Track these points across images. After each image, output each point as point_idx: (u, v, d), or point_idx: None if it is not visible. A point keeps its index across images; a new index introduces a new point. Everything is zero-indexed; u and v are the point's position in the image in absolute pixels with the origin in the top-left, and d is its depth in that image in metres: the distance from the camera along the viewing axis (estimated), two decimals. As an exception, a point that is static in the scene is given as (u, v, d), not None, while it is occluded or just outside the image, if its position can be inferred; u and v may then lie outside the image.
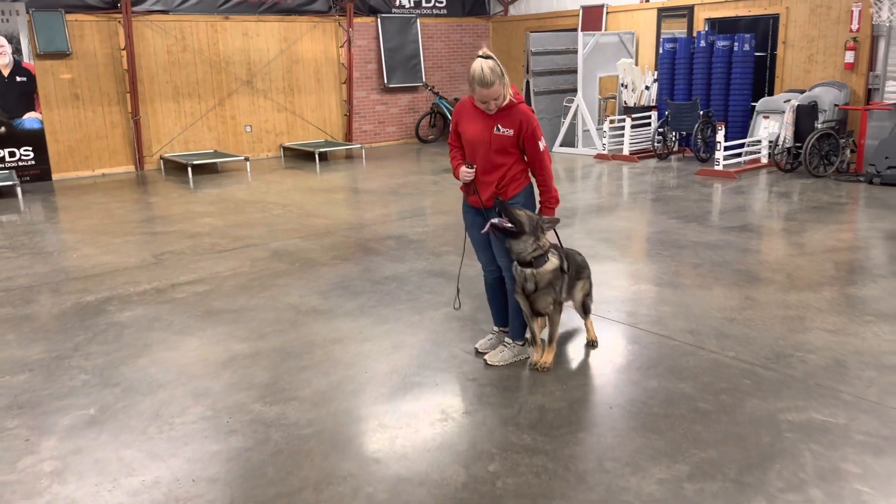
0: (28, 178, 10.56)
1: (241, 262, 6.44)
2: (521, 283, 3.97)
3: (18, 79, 10.38)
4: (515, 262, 3.94)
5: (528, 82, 12.73)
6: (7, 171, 10.27)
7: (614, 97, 13.00)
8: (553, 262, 3.97)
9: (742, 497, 2.85)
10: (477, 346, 4.34)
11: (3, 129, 10.39)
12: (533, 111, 3.92)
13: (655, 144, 11.53)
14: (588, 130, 12.44)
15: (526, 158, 3.95)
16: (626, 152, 11.68)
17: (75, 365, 4.30)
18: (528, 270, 3.91)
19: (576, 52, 12.38)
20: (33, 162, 10.68)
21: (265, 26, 12.67)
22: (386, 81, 14.04)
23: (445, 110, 14.39)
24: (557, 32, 13.28)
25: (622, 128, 11.82)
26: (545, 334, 4.22)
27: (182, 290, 5.70)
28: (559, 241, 4.14)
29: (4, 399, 3.88)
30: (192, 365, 4.29)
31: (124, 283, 5.92)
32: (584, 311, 4.39)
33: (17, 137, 10.51)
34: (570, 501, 2.87)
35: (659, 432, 3.35)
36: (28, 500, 2.98)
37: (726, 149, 10.16)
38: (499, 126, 3.85)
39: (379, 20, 13.78)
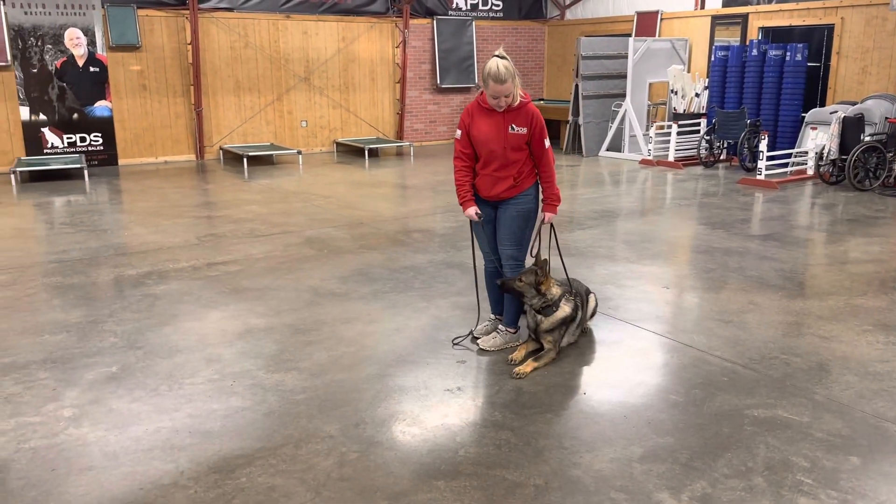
0: (96, 163, 11.31)
1: (275, 246, 6.83)
2: (531, 321, 4.27)
3: (92, 69, 11.14)
4: (528, 306, 4.25)
5: (576, 86, 12.83)
6: (77, 155, 11.04)
7: (664, 103, 12.97)
8: (564, 310, 4.24)
9: (686, 479, 3.00)
10: (473, 330, 4.57)
11: (75, 115, 11.16)
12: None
13: (702, 152, 11.48)
14: (635, 136, 12.46)
15: (533, 155, 4.17)
16: (671, 158, 11.66)
17: (107, 329, 4.74)
18: (539, 316, 4.22)
19: (626, 57, 12.42)
20: (102, 147, 11.44)
21: (324, 25, 13.17)
22: (439, 82, 14.36)
23: (496, 112, 14.59)
24: (610, 37, 13.33)
25: (669, 134, 11.80)
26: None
27: (216, 268, 6.13)
28: (562, 260, 4.42)
29: (41, 354, 4.33)
30: (210, 335, 4.67)
31: (165, 260, 6.38)
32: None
33: (88, 124, 11.28)
34: (521, 471, 3.08)
35: (623, 418, 3.52)
36: (46, 439, 3.38)
37: (771, 158, 10.06)
38: (513, 125, 4.08)
39: (435, 22, 14.11)
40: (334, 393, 3.84)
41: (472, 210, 4.24)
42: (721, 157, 11.69)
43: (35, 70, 10.80)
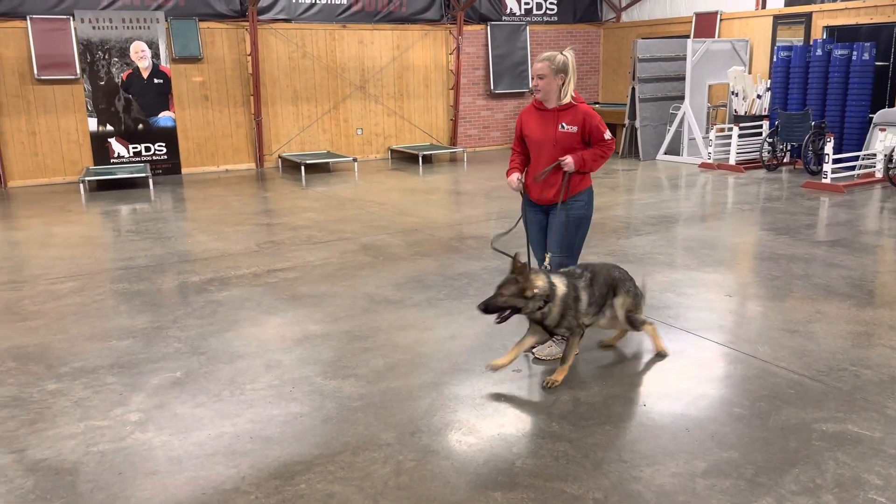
0: (160, 172, 11.68)
1: (332, 253, 6.92)
2: (534, 317, 3.95)
3: (156, 81, 11.52)
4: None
5: (633, 89, 12.65)
6: (142, 165, 11.41)
7: (724, 105, 12.68)
8: (560, 289, 3.87)
9: (752, 496, 2.91)
10: (534, 351, 4.49)
11: (141, 125, 11.55)
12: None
13: (764, 155, 11.17)
14: (694, 139, 12.20)
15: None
16: (732, 162, 11.38)
17: (171, 335, 4.87)
18: (540, 312, 4.00)
19: (685, 58, 12.18)
20: (166, 157, 11.80)
21: (379, 34, 13.31)
22: (492, 87, 14.34)
23: (551, 116, 14.49)
24: (668, 39, 13.10)
25: (729, 137, 11.52)
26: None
27: (275, 275, 6.24)
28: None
29: (109, 359, 4.48)
30: (270, 341, 4.75)
31: (227, 266, 6.53)
32: (632, 325, 4.25)
33: (153, 134, 11.66)
34: (580, 484, 3.03)
35: (685, 431, 3.44)
36: (113, 443, 3.49)
37: (837, 161, 9.71)
38: (563, 124, 4.11)
39: (488, 27, 14.11)
40: (390, 400, 3.86)
41: (515, 176, 4.32)
42: (784, 161, 11.35)
43: (102, 82, 11.22)
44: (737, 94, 12.02)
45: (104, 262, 6.81)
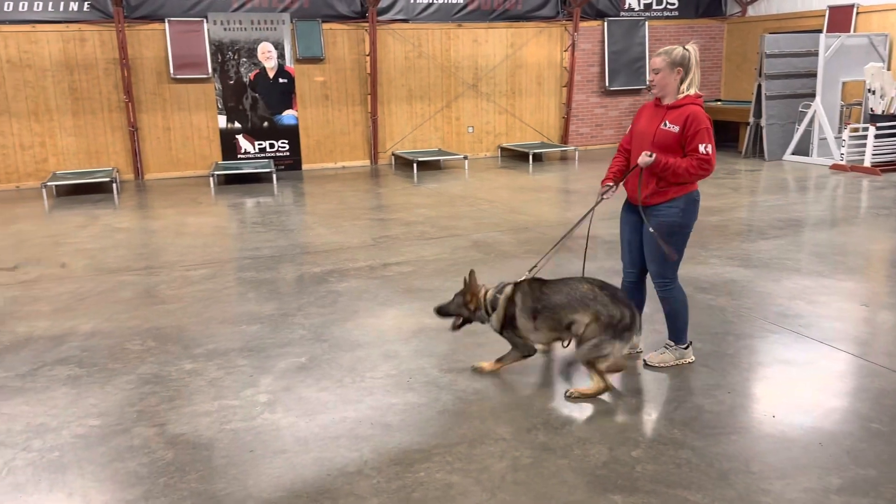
0: (282, 168, 12.20)
1: (444, 249, 7.02)
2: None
3: (280, 80, 12.04)
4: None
5: (759, 86, 12.07)
6: (267, 160, 11.97)
7: (859, 104, 11.87)
8: (501, 303, 4.01)
9: (894, 519, 2.73)
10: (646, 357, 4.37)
11: (266, 123, 12.12)
12: (708, 116, 3.86)
13: (904, 157, 10.39)
14: (825, 139, 11.51)
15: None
16: (867, 164, 10.65)
17: (296, 322, 5.10)
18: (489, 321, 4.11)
19: (816, 54, 11.50)
20: (288, 153, 12.33)
21: (494, 32, 13.34)
22: (607, 84, 14.07)
23: (668, 115, 14.06)
24: (798, 34, 12.41)
25: (865, 137, 10.78)
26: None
27: (391, 269, 6.40)
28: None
29: (240, 343, 4.74)
30: (387, 331, 4.88)
31: (345, 259, 6.75)
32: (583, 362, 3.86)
33: (277, 131, 12.20)
34: (704, 493, 2.94)
35: (818, 445, 3.26)
36: (244, 422, 3.69)
37: None
38: (666, 122, 3.87)
39: (605, 24, 13.85)
40: (506, 395, 3.88)
41: (603, 188, 4.23)
42: (928, 163, 10.51)
43: (232, 82, 11.85)
44: (874, 92, 11.22)
45: (233, 252, 7.20)
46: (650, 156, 3.83)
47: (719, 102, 14.44)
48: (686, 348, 4.19)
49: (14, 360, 4.52)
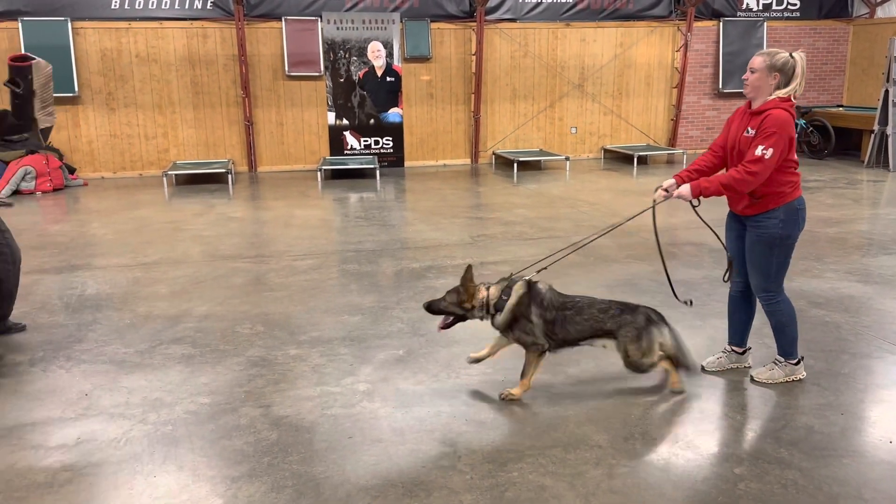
0: (386, 164, 12.47)
1: (542, 250, 6.96)
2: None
3: (388, 79, 12.30)
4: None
5: (886, 91, 11.31)
6: (371, 157, 12.26)
7: None
8: (510, 302, 3.86)
9: None
10: (704, 363, 4.21)
11: (372, 120, 12.41)
12: (791, 122, 3.58)
13: None
14: (960, 150, 10.66)
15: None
16: None
17: (395, 315, 5.21)
18: (495, 319, 3.91)
19: (955, 58, 10.67)
20: (392, 150, 12.58)
21: (602, 32, 13.13)
22: (720, 86, 13.57)
23: (784, 120, 13.41)
24: (934, 35, 11.55)
25: None
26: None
27: (488, 267, 6.42)
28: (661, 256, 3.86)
29: (342, 332, 4.89)
30: (483, 330, 4.83)
31: (443, 256, 6.83)
32: (634, 370, 3.85)
33: (382, 129, 12.48)
34: (811, 518, 2.81)
35: (942, 478, 3.04)
36: (344, 409, 3.81)
37: None
38: (749, 128, 3.67)
39: (721, 24, 13.35)
40: (603, 403, 3.82)
41: (664, 184, 4.12)
42: None
43: (342, 80, 12.20)
44: None
45: (337, 244, 7.43)
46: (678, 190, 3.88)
47: (841, 108, 13.64)
48: (797, 364, 4.00)
49: (134, 338, 4.85)
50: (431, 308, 3.97)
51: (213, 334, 4.87)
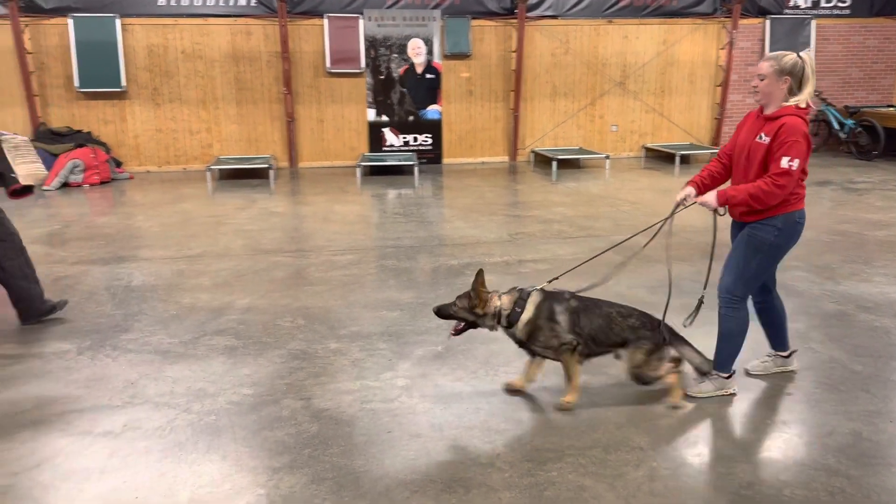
0: (424, 161, 12.49)
1: (582, 249, 6.92)
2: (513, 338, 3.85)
3: (428, 76, 12.32)
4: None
5: (941, 91, 10.97)
6: (410, 153, 12.30)
7: None
8: (528, 312, 3.75)
9: None
10: (748, 367, 4.12)
11: (411, 117, 12.45)
12: (806, 130, 3.50)
13: None
14: None
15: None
16: None
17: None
18: (509, 331, 3.79)
19: None
20: (430, 147, 12.61)
21: (645, 29, 12.97)
22: (765, 86, 13.29)
23: (832, 118, 13.10)
24: None
25: None
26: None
27: (526, 265, 6.40)
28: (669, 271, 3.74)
29: (381, 327, 4.92)
30: (522, 329, 4.89)
31: (482, 253, 6.83)
32: (640, 382, 3.77)
33: (421, 126, 12.51)
34: (860, 527, 2.74)
35: None
36: (383, 403, 3.83)
37: None
38: (762, 134, 3.58)
39: (768, 21, 13.09)
40: (643, 404, 3.78)
41: (683, 192, 4.08)
42: None
43: (382, 77, 12.26)
44: None
45: (375, 240, 7.47)
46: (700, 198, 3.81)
47: (892, 108, 13.26)
48: (728, 378, 3.85)
49: (179, 328, 4.94)
50: (441, 312, 3.83)
51: (255, 326, 4.94)
